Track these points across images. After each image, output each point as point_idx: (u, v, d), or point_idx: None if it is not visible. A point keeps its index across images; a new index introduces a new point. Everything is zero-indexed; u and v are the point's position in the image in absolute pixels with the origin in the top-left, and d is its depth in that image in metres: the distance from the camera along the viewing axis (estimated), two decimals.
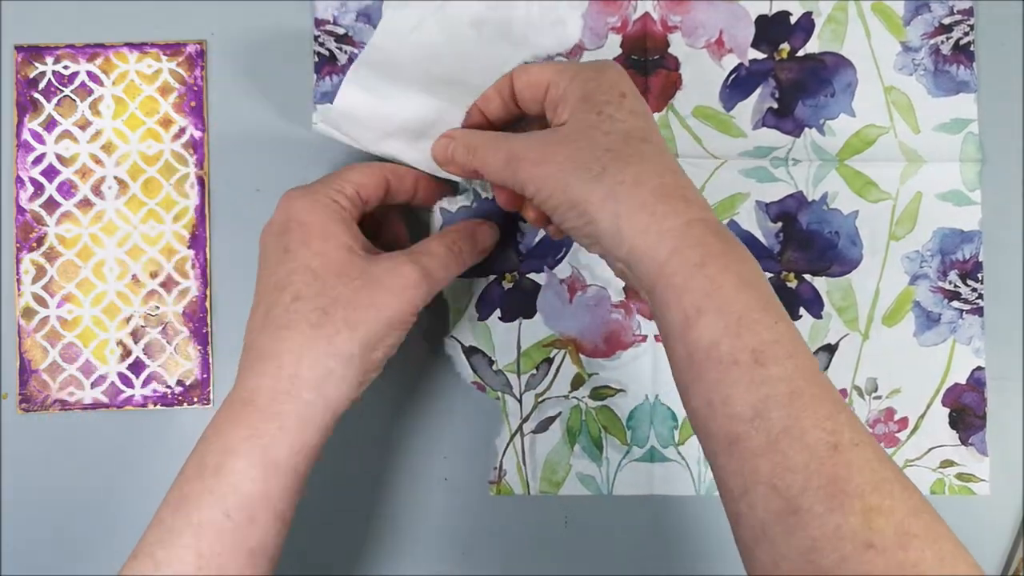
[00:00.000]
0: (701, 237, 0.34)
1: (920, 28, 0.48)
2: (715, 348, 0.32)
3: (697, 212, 0.35)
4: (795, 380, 0.32)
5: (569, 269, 0.48)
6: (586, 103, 0.37)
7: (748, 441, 0.31)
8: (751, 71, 0.48)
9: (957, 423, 0.47)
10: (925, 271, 0.48)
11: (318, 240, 0.39)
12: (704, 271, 0.33)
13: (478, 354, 0.48)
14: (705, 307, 0.33)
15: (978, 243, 0.48)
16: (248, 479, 0.35)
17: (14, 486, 0.47)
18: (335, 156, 0.48)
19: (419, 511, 0.48)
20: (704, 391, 0.33)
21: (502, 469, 0.48)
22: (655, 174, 0.35)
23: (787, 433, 0.31)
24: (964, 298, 0.48)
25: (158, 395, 0.48)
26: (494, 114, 0.42)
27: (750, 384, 0.32)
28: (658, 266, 0.34)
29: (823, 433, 0.31)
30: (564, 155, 0.36)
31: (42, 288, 0.47)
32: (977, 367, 0.48)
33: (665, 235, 0.34)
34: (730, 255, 0.34)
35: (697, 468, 0.48)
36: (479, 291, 0.48)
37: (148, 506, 0.47)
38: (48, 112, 0.48)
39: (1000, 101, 0.48)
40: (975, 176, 0.48)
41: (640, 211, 0.34)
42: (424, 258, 0.40)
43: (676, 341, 0.34)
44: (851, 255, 0.48)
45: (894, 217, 0.48)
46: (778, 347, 0.32)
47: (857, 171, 0.48)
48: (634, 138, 0.36)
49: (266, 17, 0.48)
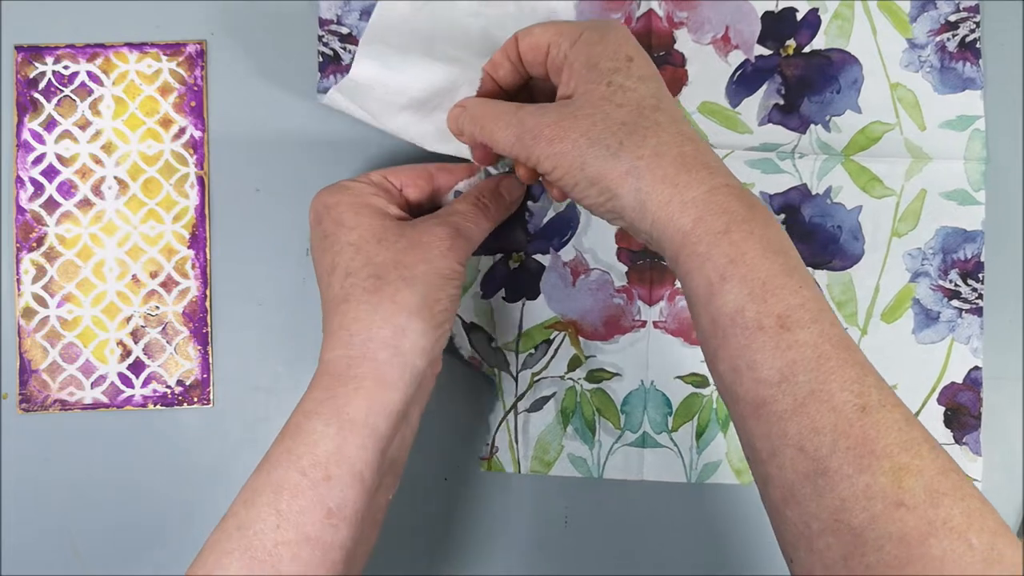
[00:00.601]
0: (725, 204, 0.34)
1: (926, 25, 0.48)
2: (740, 314, 0.32)
3: (720, 179, 0.35)
4: (821, 344, 0.32)
5: (573, 252, 0.48)
6: (593, 71, 0.37)
7: (775, 404, 0.32)
8: (757, 67, 0.48)
9: (952, 422, 0.47)
10: (926, 269, 0.48)
11: (350, 215, 0.40)
12: (728, 237, 0.33)
13: (478, 331, 0.48)
14: (729, 274, 0.33)
15: (980, 243, 0.47)
16: (324, 437, 0.36)
17: (14, 486, 0.47)
18: (336, 156, 0.48)
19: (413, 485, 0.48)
20: (729, 356, 0.33)
21: (494, 446, 0.48)
22: (674, 144, 0.35)
23: (814, 396, 0.31)
24: (964, 297, 0.47)
25: (158, 395, 0.47)
26: (504, 79, 0.42)
27: (776, 349, 0.32)
28: (682, 235, 0.34)
29: (850, 395, 0.31)
30: (578, 131, 0.36)
31: (42, 288, 0.47)
32: (974, 367, 0.47)
33: (688, 205, 0.34)
34: (755, 220, 0.34)
35: (689, 456, 0.48)
36: (485, 269, 0.48)
37: (148, 506, 0.48)
38: (48, 112, 0.48)
39: (1006, 98, 0.48)
40: (980, 176, 0.47)
41: (662, 183, 0.34)
42: (452, 217, 0.41)
43: (701, 308, 0.34)
44: (853, 250, 0.48)
45: (897, 213, 0.48)
46: (803, 312, 0.32)
47: (863, 166, 0.48)
48: (647, 107, 0.36)
49: (266, 17, 0.48)
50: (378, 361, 0.37)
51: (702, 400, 0.48)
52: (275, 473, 0.36)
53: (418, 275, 0.38)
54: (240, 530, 0.35)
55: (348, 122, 0.48)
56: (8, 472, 0.47)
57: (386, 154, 0.48)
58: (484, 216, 0.42)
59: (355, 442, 0.36)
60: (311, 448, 0.36)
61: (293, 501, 0.35)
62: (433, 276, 0.39)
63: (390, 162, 0.48)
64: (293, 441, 0.36)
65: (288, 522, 0.35)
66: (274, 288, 0.48)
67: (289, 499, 0.35)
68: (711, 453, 0.48)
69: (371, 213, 0.40)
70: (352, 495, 0.36)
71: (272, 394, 0.48)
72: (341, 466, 0.36)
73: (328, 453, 0.36)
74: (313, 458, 0.35)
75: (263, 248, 0.48)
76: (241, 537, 0.35)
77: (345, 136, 0.48)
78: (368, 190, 0.41)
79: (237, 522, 0.35)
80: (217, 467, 0.48)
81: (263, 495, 0.35)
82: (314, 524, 0.35)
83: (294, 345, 0.48)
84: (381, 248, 0.39)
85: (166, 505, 0.48)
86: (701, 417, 0.48)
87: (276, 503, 0.35)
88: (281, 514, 0.35)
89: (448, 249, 0.39)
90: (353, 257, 0.39)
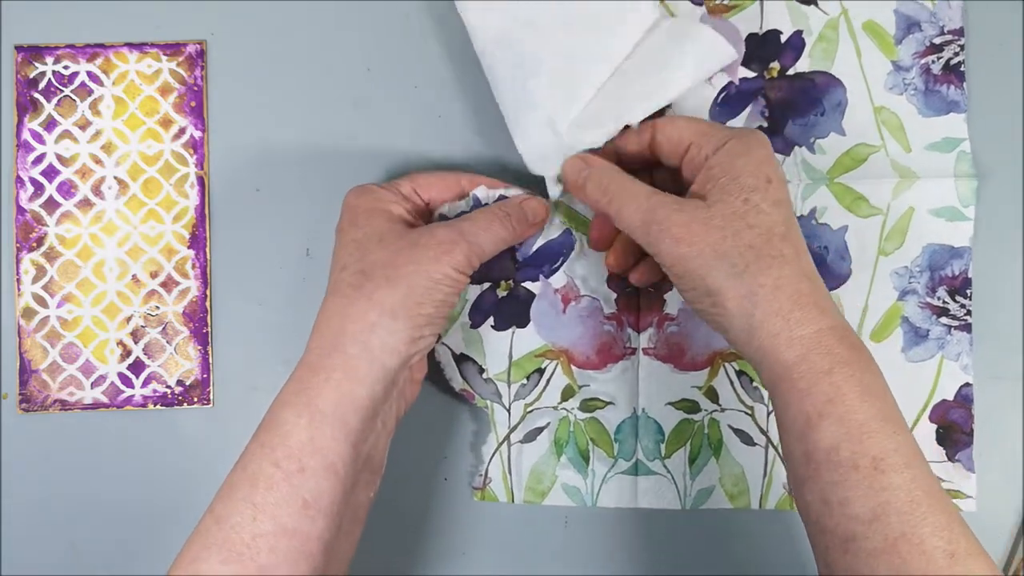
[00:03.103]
0: (830, 345, 0.35)
1: (911, 47, 0.48)
2: (835, 451, 0.34)
3: (829, 320, 0.36)
4: (913, 490, 0.33)
5: (564, 279, 0.48)
6: (733, 184, 0.37)
7: (866, 542, 0.33)
8: (741, 89, 0.48)
9: (944, 439, 0.47)
10: (914, 287, 0.47)
11: (363, 216, 0.41)
12: (829, 378, 0.35)
13: (468, 362, 0.48)
14: (827, 412, 0.35)
15: (967, 259, 0.47)
16: (296, 429, 0.37)
17: (14, 486, 0.47)
18: (336, 156, 0.48)
19: (413, 513, 0.48)
20: (820, 489, 0.35)
21: (487, 476, 0.48)
22: (794, 279, 0.36)
23: (905, 539, 0.33)
24: (952, 314, 0.47)
25: (158, 395, 0.48)
26: (628, 156, 0.43)
27: (869, 489, 0.34)
28: (784, 369, 0.36)
29: (941, 542, 0.33)
30: (707, 242, 0.37)
31: (42, 288, 0.47)
32: (964, 383, 0.47)
33: (795, 341, 0.36)
34: (856, 364, 0.35)
35: (683, 482, 0.48)
36: (473, 298, 0.48)
37: (148, 505, 0.48)
38: (48, 112, 0.48)
39: (991, 121, 0.47)
40: (971, 192, 0.47)
41: (775, 316, 0.36)
42: (462, 223, 0.41)
43: (795, 439, 0.36)
44: (840, 270, 0.48)
45: (883, 232, 0.47)
46: (898, 456, 0.34)
47: (848, 187, 0.48)
48: (776, 235, 0.37)
49: (266, 17, 0.48)
50: (347, 355, 0.38)
51: (694, 426, 0.47)
52: (250, 467, 0.36)
53: (402, 275, 0.38)
54: (218, 524, 0.35)
55: (348, 122, 0.48)
56: (8, 472, 0.47)
57: (386, 154, 0.48)
58: (500, 225, 0.42)
59: (326, 433, 0.37)
60: (284, 439, 0.36)
61: (268, 493, 0.36)
62: (420, 278, 0.39)
63: (390, 160, 0.48)
64: (267, 434, 0.37)
65: (264, 514, 0.35)
66: (274, 288, 0.48)
67: (264, 491, 0.36)
68: (704, 479, 0.47)
69: (384, 217, 0.41)
70: (327, 486, 0.36)
71: (272, 394, 0.47)
72: (314, 457, 0.36)
73: (301, 444, 0.36)
74: (286, 450, 0.36)
75: (263, 248, 0.48)
76: (219, 531, 0.35)
77: (345, 136, 0.48)
78: (391, 197, 0.42)
79: (215, 517, 0.36)
80: (217, 467, 0.47)
81: (239, 489, 0.36)
82: (290, 515, 0.35)
83: (294, 345, 0.47)
84: (379, 247, 0.39)
85: (166, 505, 0.48)
86: (693, 443, 0.47)
87: (252, 496, 0.35)
88: (257, 507, 0.35)
89: (444, 253, 0.39)
90: (352, 253, 0.40)
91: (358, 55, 0.48)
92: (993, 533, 0.47)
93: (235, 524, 0.35)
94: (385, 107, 0.48)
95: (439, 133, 0.48)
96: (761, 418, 0.48)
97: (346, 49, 0.48)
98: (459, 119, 0.48)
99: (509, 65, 0.44)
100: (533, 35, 0.43)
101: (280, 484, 0.36)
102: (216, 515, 0.36)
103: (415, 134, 0.48)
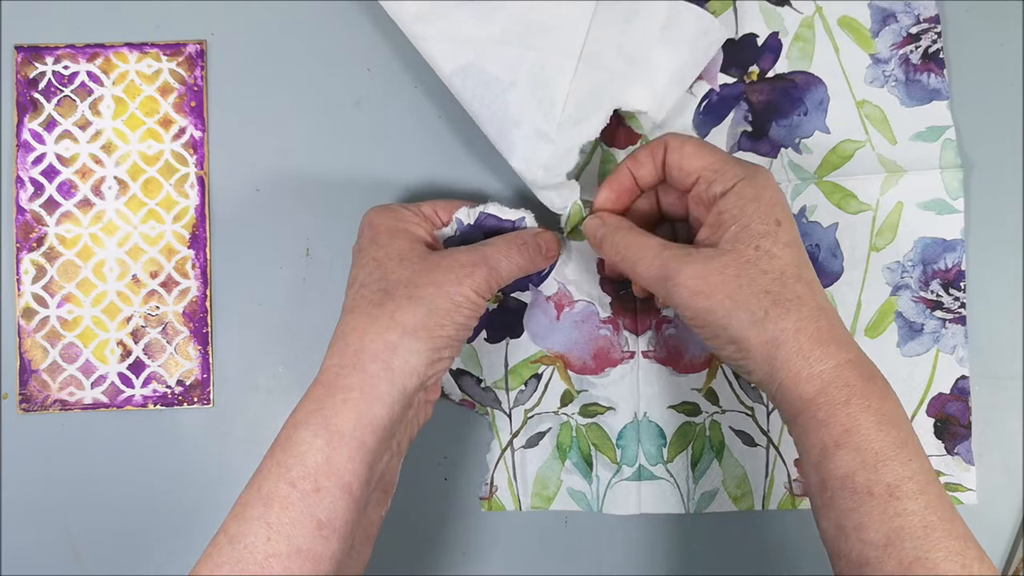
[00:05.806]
0: (848, 378, 0.36)
1: (888, 39, 0.48)
2: (850, 478, 0.35)
3: (846, 354, 0.37)
4: (928, 516, 0.34)
5: (556, 286, 0.48)
6: (744, 231, 0.38)
7: (880, 566, 0.34)
8: (722, 96, 0.48)
9: (942, 433, 0.47)
10: (907, 281, 0.47)
11: (385, 236, 0.41)
12: (847, 409, 0.36)
13: (465, 375, 0.48)
14: (844, 442, 0.35)
15: (960, 252, 0.47)
16: (312, 449, 0.36)
17: (14, 486, 0.47)
18: (337, 156, 0.48)
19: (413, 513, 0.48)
20: (836, 516, 0.35)
21: (493, 485, 0.48)
22: (812, 319, 0.37)
23: (919, 563, 0.33)
24: (947, 307, 0.47)
25: (158, 395, 0.48)
26: (644, 180, 0.43)
27: (883, 515, 0.34)
28: (803, 403, 0.36)
29: (955, 566, 0.33)
30: (724, 292, 0.37)
31: (42, 288, 0.47)
32: (961, 376, 0.47)
33: (815, 377, 0.36)
34: (872, 394, 0.36)
35: (686, 486, 0.47)
36: None
37: (147, 506, 0.48)
38: (48, 112, 0.48)
39: (973, 106, 0.47)
40: (958, 184, 0.47)
41: (796, 356, 0.37)
42: (485, 248, 0.41)
43: (812, 467, 0.37)
44: (832, 267, 0.48)
45: (874, 228, 0.47)
46: (912, 483, 0.35)
47: (836, 184, 0.48)
48: (789, 276, 0.37)
49: (266, 17, 0.48)
50: (367, 373, 0.37)
51: (695, 429, 0.47)
52: (265, 486, 0.36)
53: (425, 296, 0.38)
54: (231, 543, 0.35)
55: (348, 122, 0.48)
56: (8, 472, 0.47)
57: (386, 154, 0.48)
58: (519, 253, 0.42)
59: (343, 454, 0.36)
60: (300, 460, 0.36)
61: (283, 513, 0.35)
62: (441, 300, 0.39)
63: (390, 161, 0.48)
64: (283, 453, 0.36)
65: (278, 534, 0.35)
66: (274, 288, 0.48)
67: (279, 511, 0.35)
68: (707, 482, 0.47)
69: (406, 237, 0.41)
70: (342, 507, 0.36)
71: (272, 394, 0.48)
72: (330, 478, 0.36)
73: (317, 465, 0.36)
74: (302, 470, 0.36)
75: (263, 248, 0.48)
76: (232, 550, 0.35)
77: (345, 136, 0.48)
78: (413, 218, 0.42)
79: (228, 536, 0.35)
80: (217, 467, 0.48)
81: (253, 508, 0.36)
82: (304, 536, 0.35)
83: (294, 345, 0.48)
84: (400, 267, 0.39)
85: (166, 505, 0.48)
86: (695, 446, 0.47)
87: (266, 516, 0.35)
88: (271, 526, 0.35)
89: (466, 276, 0.39)
90: (372, 272, 0.40)
91: (358, 55, 0.48)
92: (993, 533, 0.47)
93: (248, 544, 0.35)
94: (385, 107, 0.48)
95: (439, 133, 0.48)
96: (761, 418, 0.48)
97: (346, 49, 0.48)
98: (459, 119, 0.48)
99: (480, 84, 0.43)
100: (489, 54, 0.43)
101: (295, 504, 0.35)
102: (229, 535, 0.35)
103: (415, 134, 0.48)
